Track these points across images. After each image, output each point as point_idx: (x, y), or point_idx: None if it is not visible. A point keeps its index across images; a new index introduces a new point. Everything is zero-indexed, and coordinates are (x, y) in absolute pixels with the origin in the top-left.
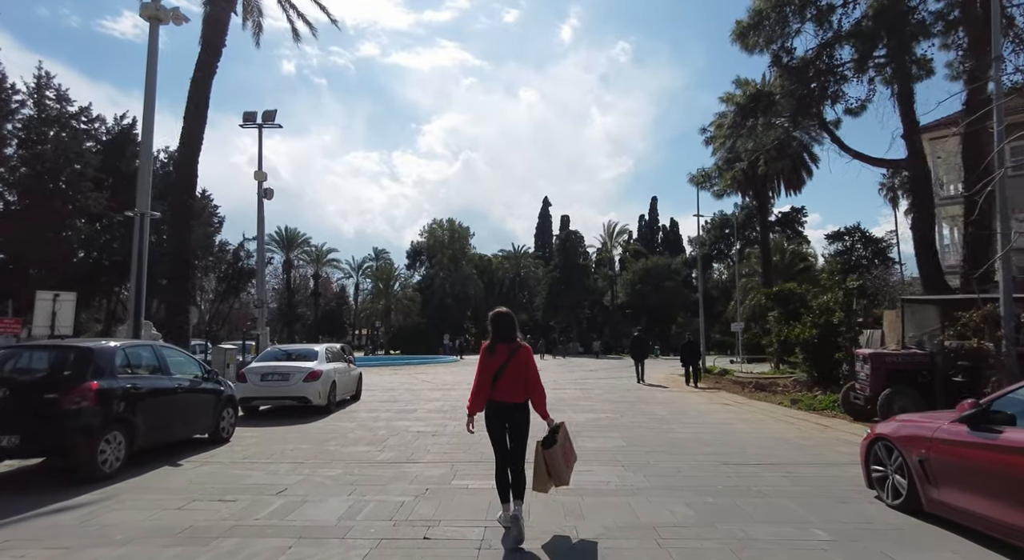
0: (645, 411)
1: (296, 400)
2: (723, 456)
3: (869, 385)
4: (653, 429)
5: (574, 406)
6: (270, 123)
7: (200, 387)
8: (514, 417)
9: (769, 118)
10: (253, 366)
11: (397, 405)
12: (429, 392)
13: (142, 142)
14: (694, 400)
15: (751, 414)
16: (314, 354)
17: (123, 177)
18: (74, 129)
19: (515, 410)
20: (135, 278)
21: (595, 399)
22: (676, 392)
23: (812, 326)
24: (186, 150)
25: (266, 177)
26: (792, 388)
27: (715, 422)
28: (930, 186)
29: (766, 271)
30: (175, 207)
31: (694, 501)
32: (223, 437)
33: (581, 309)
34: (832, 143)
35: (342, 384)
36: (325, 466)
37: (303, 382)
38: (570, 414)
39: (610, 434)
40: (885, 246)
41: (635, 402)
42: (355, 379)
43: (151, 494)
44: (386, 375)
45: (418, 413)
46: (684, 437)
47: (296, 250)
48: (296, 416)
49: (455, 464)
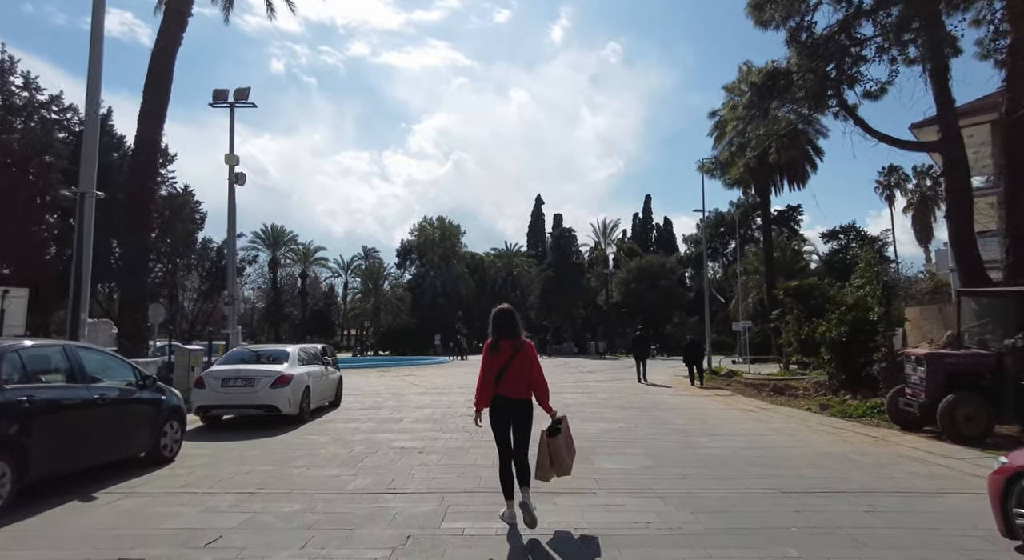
0: (661, 419)
1: (262, 409)
2: (776, 481)
3: (925, 390)
4: (679, 443)
5: (580, 413)
6: (243, 101)
7: (133, 397)
8: (519, 412)
9: (786, 100)
10: (213, 370)
11: (381, 413)
12: (417, 397)
13: (87, 110)
14: (710, 406)
15: (782, 422)
16: (285, 356)
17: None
18: (44, 119)
19: (520, 405)
20: (76, 268)
21: (602, 404)
22: (685, 395)
23: (839, 323)
24: (146, 129)
25: (238, 161)
26: (814, 391)
27: (746, 433)
28: (967, 170)
29: (769, 268)
30: (132, 191)
31: (771, 554)
32: (165, 456)
33: (576, 309)
34: (856, 126)
35: (318, 389)
36: (281, 498)
37: (271, 388)
38: (578, 423)
39: (631, 450)
40: (881, 245)
41: (647, 408)
42: (334, 383)
43: (26, 551)
44: (372, 378)
45: (404, 423)
46: (719, 454)
47: (283, 248)
48: (263, 427)
49: (446, 495)
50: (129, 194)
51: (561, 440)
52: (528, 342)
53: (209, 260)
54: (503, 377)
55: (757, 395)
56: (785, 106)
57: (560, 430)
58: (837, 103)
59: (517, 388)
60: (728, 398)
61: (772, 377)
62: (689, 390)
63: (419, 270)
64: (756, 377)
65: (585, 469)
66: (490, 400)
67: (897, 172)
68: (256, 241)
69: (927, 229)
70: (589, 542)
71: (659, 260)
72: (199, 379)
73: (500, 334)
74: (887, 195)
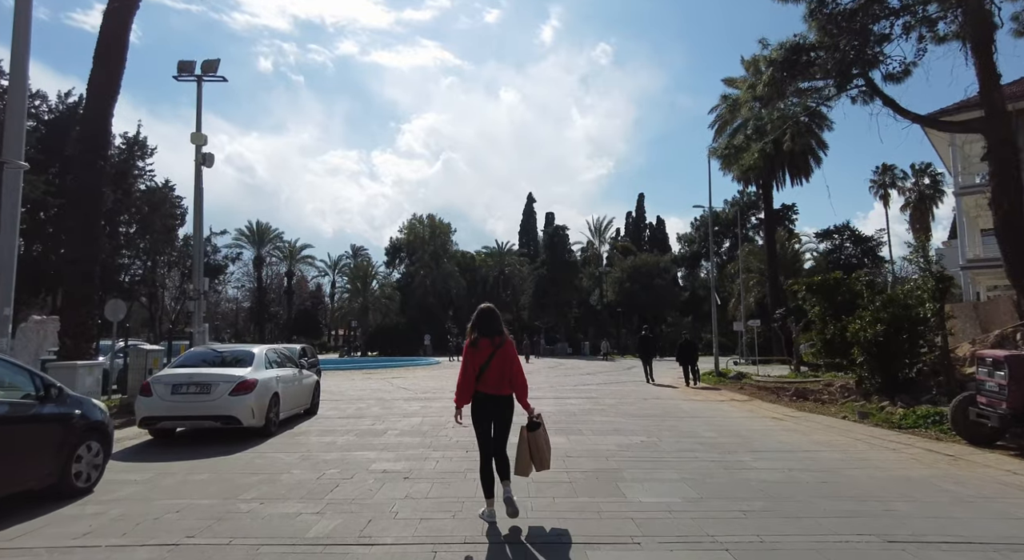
0: (685, 430)
1: (220, 420)
2: (869, 521)
3: (1007, 400)
4: (718, 463)
5: (590, 424)
6: (211, 75)
7: (27, 414)
8: (500, 409)
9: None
10: (163, 374)
11: (363, 423)
12: (405, 403)
13: (11, 71)
14: (733, 413)
15: (823, 433)
16: (249, 357)
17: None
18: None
19: (501, 402)
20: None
21: (611, 412)
22: (699, 400)
23: (874, 321)
24: (96, 99)
25: (205, 140)
26: (840, 396)
27: (790, 448)
28: (1016, 151)
29: (772, 265)
30: (78, 166)
31: None
32: (78, 487)
33: (569, 308)
34: (885, 106)
35: (290, 396)
36: (213, 555)
37: (230, 396)
38: (591, 437)
39: (664, 474)
40: (875, 245)
41: (663, 416)
42: (309, 389)
43: None
44: (358, 380)
45: (388, 436)
46: (773, 479)
47: (268, 245)
48: (221, 442)
49: (439, 550)
50: (75, 170)
51: (541, 435)
52: (508, 340)
53: (191, 257)
54: (484, 374)
55: (777, 400)
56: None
57: (539, 425)
58: (864, 82)
59: (498, 384)
60: (747, 404)
61: (784, 380)
62: (700, 394)
63: (408, 269)
64: (767, 380)
65: (616, 504)
66: (471, 397)
67: (891, 171)
68: (240, 238)
69: (925, 228)
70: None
71: (653, 259)
72: (144, 385)
73: (481, 332)
74: (881, 194)
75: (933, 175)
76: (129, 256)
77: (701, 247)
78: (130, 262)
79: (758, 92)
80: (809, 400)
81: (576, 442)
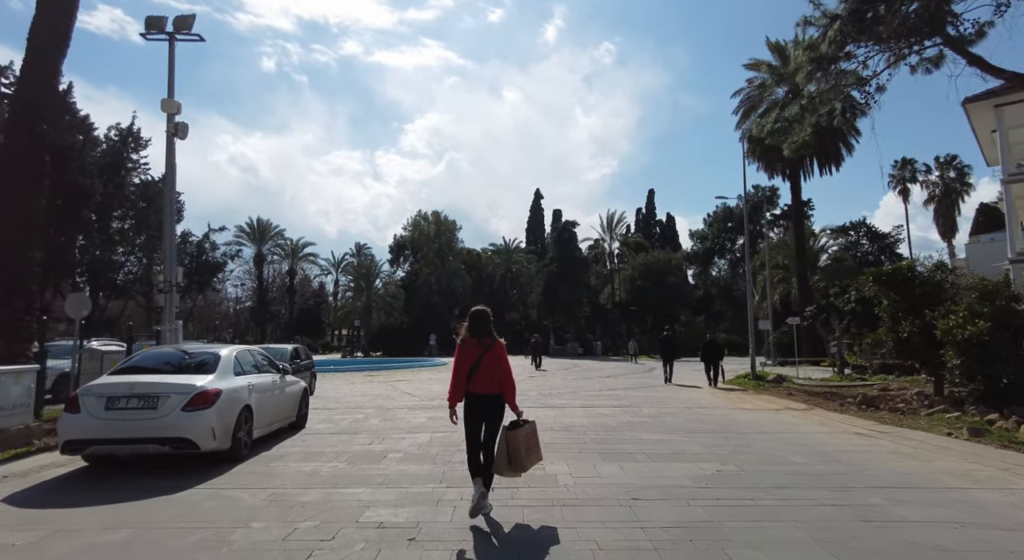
0: (762, 452)
1: (169, 444)
2: None
3: None
4: (843, 508)
5: (639, 443)
6: (185, 33)
7: None
8: (490, 408)
9: (874, 37)
10: (96, 383)
11: (358, 442)
12: (409, 414)
13: None
14: (804, 427)
15: (947, 459)
16: (213, 361)
17: (58, 151)
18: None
19: (491, 401)
20: None
21: (657, 425)
22: (751, 410)
23: (971, 316)
24: (38, 51)
25: (177, 108)
26: (919, 404)
27: (928, 485)
28: None
29: (800, 260)
30: (12, 133)
31: None
32: None
33: (579, 307)
34: (971, 66)
35: (267, 409)
36: None
37: (183, 412)
38: (650, 465)
39: (783, 531)
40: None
41: (723, 432)
42: (294, 398)
43: None
44: (359, 383)
45: (388, 463)
46: (950, 543)
47: (269, 243)
48: (175, 470)
49: None
50: (8, 136)
51: (520, 435)
52: (498, 342)
53: (189, 255)
54: (475, 374)
55: (842, 409)
56: (862, 48)
57: (521, 425)
58: (942, 40)
59: (488, 384)
60: (809, 413)
61: (830, 383)
62: (742, 399)
63: (413, 267)
64: (811, 383)
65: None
66: (463, 395)
67: (911, 165)
68: (240, 235)
69: (951, 223)
70: None
71: (665, 256)
72: (71, 397)
73: (472, 332)
74: (900, 189)
75: (960, 167)
76: (124, 253)
77: (715, 244)
78: (125, 259)
79: (822, 51)
80: (882, 409)
81: (634, 473)
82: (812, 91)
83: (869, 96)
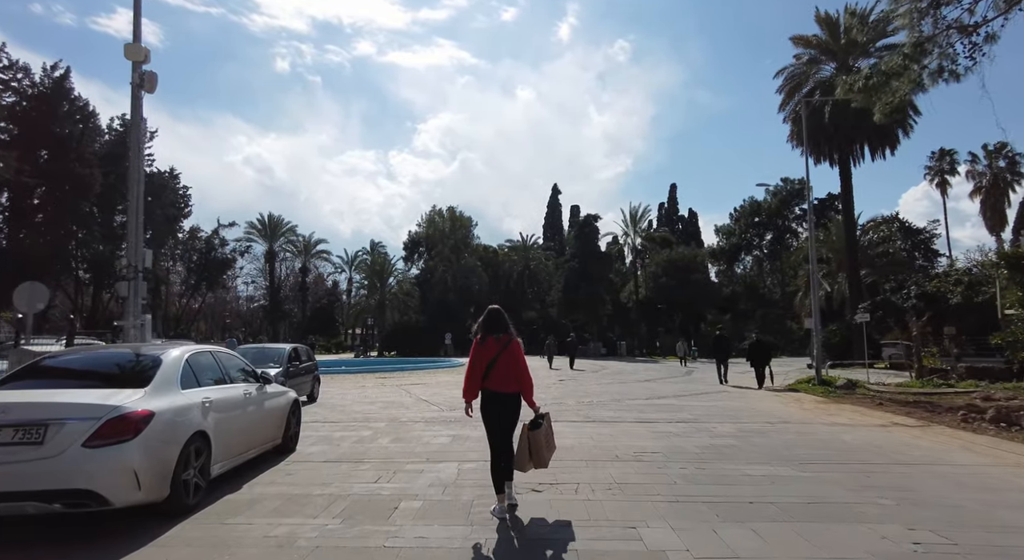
0: (937, 502)
1: (61, 501)
2: None
3: None
4: None
5: (758, 487)
6: None
7: None
8: (507, 405)
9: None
10: None
11: (360, 477)
12: (427, 430)
13: None
14: (947, 454)
15: None
16: (152, 367)
17: (57, 140)
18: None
19: (508, 399)
20: None
21: (753, 453)
22: (848, 424)
23: None
24: None
25: (145, 56)
26: None
27: None
28: None
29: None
30: None
31: None
32: None
33: (602, 304)
34: None
35: (236, 433)
36: None
37: (84, 448)
38: (791, 528)
39: None
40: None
41: (840, 461)
42: (278, 415)
43: None
44: (370, 387)
45: (401, 517)
46: None
47: (280, 239)
48: (87, 530)
49: None
50: None
51: (541, 434)
52: (515, 340)
53: (198, 251)
54: (491, 372)
55: (969, 426)
56: None
57: (541, 424)
58: None
59: (505, 382)
60: (928, 431)
61: (912, 389)
62: (840, 414)
63: (428, 264)
64: (891, 390)
65: None
66: (478, 392)
67: (950, 156)
68: (251, 232)
69: (1000, 215)
70: None
71: (690, 253)
72: None
73: (488, 330)
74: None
75: (1011, 156)
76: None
77: (742, 239)
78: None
79: None
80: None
81: (782, 545)
82: (917, 37)
83: (976, 48)
